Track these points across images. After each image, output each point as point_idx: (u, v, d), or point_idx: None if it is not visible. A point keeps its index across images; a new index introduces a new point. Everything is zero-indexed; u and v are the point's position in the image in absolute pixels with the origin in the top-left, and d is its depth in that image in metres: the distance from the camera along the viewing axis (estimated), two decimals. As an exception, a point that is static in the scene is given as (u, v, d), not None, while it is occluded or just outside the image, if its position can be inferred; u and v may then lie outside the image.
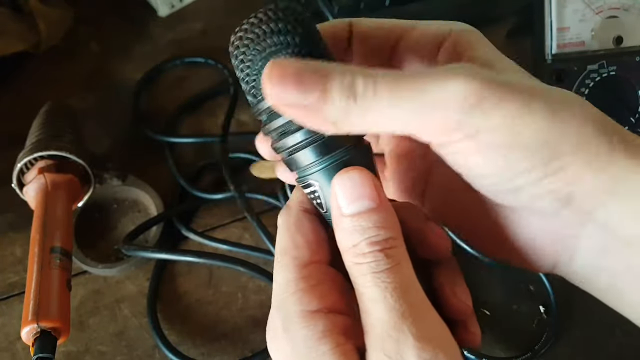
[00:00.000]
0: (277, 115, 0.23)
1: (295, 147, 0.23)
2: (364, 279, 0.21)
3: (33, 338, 0.36)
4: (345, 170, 0.22)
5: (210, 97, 0.58)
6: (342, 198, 0.22)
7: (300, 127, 0.22)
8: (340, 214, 0.22)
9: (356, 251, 0.21)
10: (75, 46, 0.62)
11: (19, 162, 0.45)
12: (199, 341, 0.44)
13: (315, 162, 0.23)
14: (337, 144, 0.22)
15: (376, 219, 0.21)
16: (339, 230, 0.22)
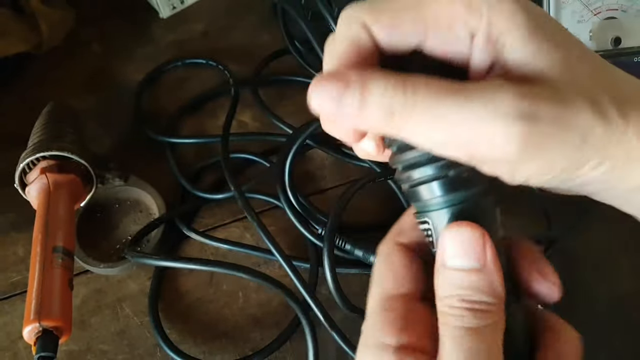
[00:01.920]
0: (409, 147, 0.22)
1: (420, 180, 0.22)
2: (444, 329, 0.21)
3: (35, 337, 0.36)
4: (459, 224, 0.22)
5: (211, 98, 0.59)
6: (448, 249, 0.22)
7: (430, 161, 0.22)
8: (442, 263, 0.22)
9: (447, 301, 0.21)
10: (76, 47, 0.63)
11: (21, 162, 0.45)
12: (200, 340, 0.44)
13: (434, 198, 0.22)
14: (463, 185, 0.22)
15: (475, 280, 0.21)
16: (437, 276, 0.22)
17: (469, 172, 0.22)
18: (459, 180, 0.22)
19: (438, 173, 0.22)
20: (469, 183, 0.22)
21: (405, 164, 0.23)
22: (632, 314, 0.45)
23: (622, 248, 0.48)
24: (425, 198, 0.23)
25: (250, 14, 0.66)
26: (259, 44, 0.63)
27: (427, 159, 0.22)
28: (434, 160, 0.22)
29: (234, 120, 0.54)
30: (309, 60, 0.59)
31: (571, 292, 0.46)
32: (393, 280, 0.24)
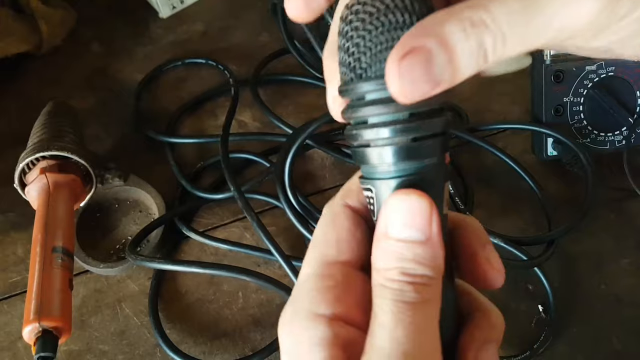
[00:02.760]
0: (368, 103, 0.20)
1: (371, 142, 0.21)
2: (381, 302, 0.20)
3: (35, 337, 0.36)
4: (407, 192, 0.20)
5: (210, 97, 0.59)
6: (392, 217, 0.20)
7: (386, 124, 0.20)
8: (383, 232, 0.21)
9: (386, 274, 0.20)
10: (76, 47, 0.63)
11: (20, 162, 0.45)
12: (200, 340, 0.44)
13: (383, 165, 0.21)
14: (416, 155, 0.20)
15: (419, 252, 0.20)
16: (377, 246, 0.21)
17: (423, 141, 0.20)
18: (412, 150, 0.20)
19: (393, 138, 0.20)
20: (422, 154, 0.20)
21: (358, 119, 0.21)
22: (631, 314, 0.45)
23: (622, 248, 0.48)
24: (374, 163, 0.21)
25: (250, 14, 0.66)
26: (259, 43, 0.63)
27: (385, 121, 0.20)
28: (391, 123, 0.20)
29: (233, 120, 0.54)
30: (308, 59, 0.59)
31: (570, 291, 0.46)
32: (335, 246, 0.22)
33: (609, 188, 0.51)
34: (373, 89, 0.20)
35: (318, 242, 0.23)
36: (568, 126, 0.51)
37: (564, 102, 0.50)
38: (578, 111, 0.50)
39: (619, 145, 0.51)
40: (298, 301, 0.22)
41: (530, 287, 0.46)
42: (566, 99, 0.50)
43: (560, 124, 0.50)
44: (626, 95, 0.50)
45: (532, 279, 0.46)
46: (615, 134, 0.51)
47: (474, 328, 0.24)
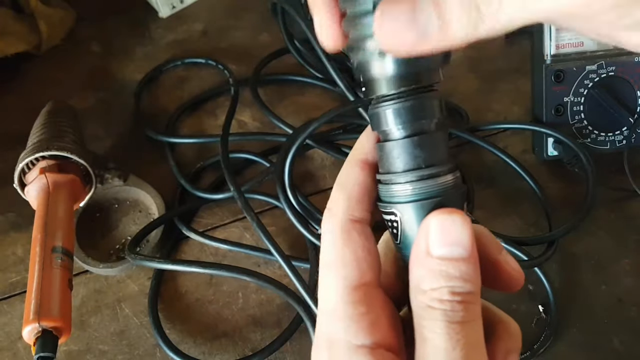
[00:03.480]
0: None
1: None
2: (433, 325, 0.20)
3: (34, 337, 0.36)
4: (448, 211, 0.20)
5: (210, 97, 0.59)
6: (435, 237, 0.20)
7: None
8: (426, 253, 0.20)
9: (434, 295, 0.20)
10: (76, 47, 0.63)
11: (20, 162, 0.45)
12: (200, 340, 0.44)
13: (407, 190, 0.21)
14: (436, 178, 0.21)
15: (464, 270, 0.20)
16: (419, 267, 0.20)
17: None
18: (432, 175, 0.21)
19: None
20: (446, 170, 0.21)
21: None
22: (632, 315, 0.45)
23: (622, 248, 0.48)
24: (399, 189, 0.21)
25: (249, 14, 0.66)
26: (259, 43, 0.63)
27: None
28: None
29: (233, 120, 0.54)
30: (308, 59, 0.59)
31: (571, 292, 0.46)
32: (356, 267, 0.22)
33: (609, 188, 0.51)
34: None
35: (334, 264, 0.22)
36: (568, 126, 0.51)
37: (564, 102, 0.50)
38: (578, 111, 0.50)
39: (620, 145, 0.51)
40: (332, 333, 0.21)
41: (531, 287, 0.46)
42: (567, 98, 0.50)
43: (561, 123, 0.50)
44: (627, 95, 0.50)
45: (532, 279, 0.46)
46: (615, 133, 0.51)
47: (496, 340, 0.24)
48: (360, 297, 0.21)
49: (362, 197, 0.23)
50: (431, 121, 0.21)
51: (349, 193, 0.23)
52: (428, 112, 0.21)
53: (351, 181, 0.23)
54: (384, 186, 0.22)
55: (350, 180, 0.23)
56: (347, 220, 0.22)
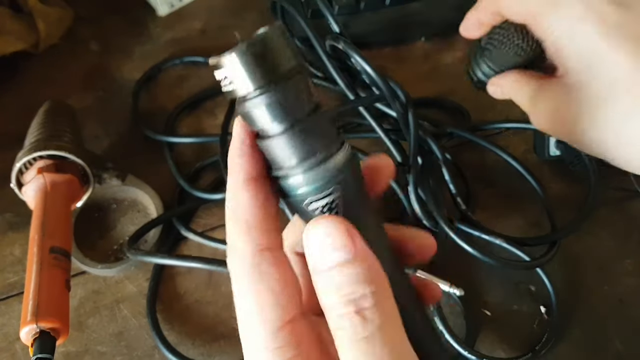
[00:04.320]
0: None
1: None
2: (342, 348, 0.19)
3: (32, 338, 0.36)
4: (316, 222, 0.19)
5: (209, 96, 0.58)
6: (312, 253, 0.19)
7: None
8: (313, 270, 0.19)
9: (334, 313, 0.19)
10: (74, 45, 0.62)
11: (18, 161, 0.45)
12: (199, 341, 0.44)
13: (305, 179, 0.20)
14: (330, 157, 0.20)
15: (351, 272, 0.19)
16: (317, 285, 0.19)
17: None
18: (325, 159, 0.21)
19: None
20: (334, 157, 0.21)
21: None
22: (634, 315, 0.45)
23: (624, 249, 0.48)
24: (297, 182, 0.21)
25: (249, 12, 0.66)
26: (258, 42, 0.63)
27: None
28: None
29: (233, 119, 0.54)
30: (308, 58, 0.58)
31: (573, 292, 0.46)
32: (276, 307, 0.20)
33: (611, 188, 0.50)
34: None
35: (250, 311, 0.20)
36: (570, 125, 0.50)
37: (566, 101, 0.50)
38: (580, 110, 0.50)
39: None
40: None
41: (533, 288, 0.46)
42: (568, 98, 0.50)
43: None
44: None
45: (534, 280, 0.46)
46: (617, 133, 0.51)
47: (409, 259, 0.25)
48: (286, 340, 0.20)
49: (261, 222, 0.20)
50: (305, 108, 0.20)
51: (246, 222, 0.20)
52: (300, 100, 0.20)
53: (243, 208, 0.20)
54: (284, 181, 0.21)
55: (243, 207, 0.20)
56: (254, 254, 0.20)
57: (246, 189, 0.21)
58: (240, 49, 0.20)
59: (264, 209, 0.20)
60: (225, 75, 0.20)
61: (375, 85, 0.46)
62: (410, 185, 0.45)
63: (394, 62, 0.60)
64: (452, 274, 0.43)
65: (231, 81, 0.20)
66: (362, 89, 0.50)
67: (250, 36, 0.21)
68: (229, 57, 0.20)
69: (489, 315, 0.45)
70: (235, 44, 0.20)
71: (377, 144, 0.50)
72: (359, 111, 0.49)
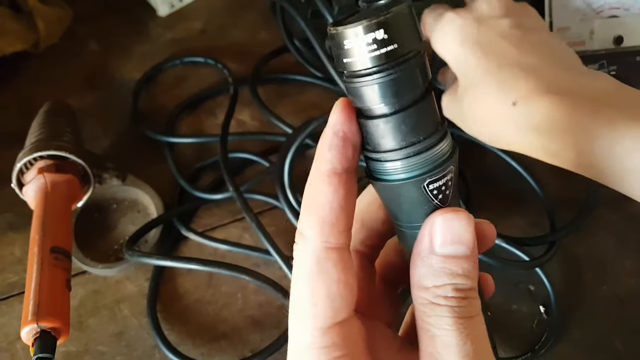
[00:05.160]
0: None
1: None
2: (441, 321, 0.20)
3: (33, 338, 0.36)
4: (454, 210, 0.21)
5: (209, 96, 0.58)
6: (440, 236, 0.20)
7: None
8: (429, 250, 0.20)
9: (438, 292, 0.20)
10: (74, 45, 0.62)
11: (18, 162, 0.45)
12: (199, 341, 0.44)
13: (403, 164, 0.20)
14: (433, 146, 0.20)
15: (467, 267, 0.20)
16: (421, 264, 0.21)
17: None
18: (428, 147, 0.21)
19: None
20: (437, 146, 0.21)
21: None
22: (633, 315, 0.45)
23: (624, 249, 0.48)
24: (395, 167, 0.21)
25: (249, 12, 0.66)
26: (258, 42, 0.63)
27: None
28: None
29: (232, 119, 0.54)
30: (308, 58, 0.58)
31: (572, 292, 0.46)
32: (330, 306, 0.20)
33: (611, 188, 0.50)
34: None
35: (304, 302, 0.20)
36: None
37: (565, 101, 0.50)
38: (580, 110, 0.50)
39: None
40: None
41: (532, 288, 0.46)
42: (568, 98, 0.50)
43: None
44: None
45: (533, 280, 0.46)
46: (617, 133, 0.51)
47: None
48: (333, 340, 0.20)
49: (336, 220, 0.20)
50: (417, 91, 0.20)
51: (320, 216, 0.20)
52: (414, 85, 0.20)
53: (321, 201, 0.20)
54: (375, 163, 0.21)
55: (320, 200, 0.20)
56: (321, 249, 0.20)
57: (328, 182, 0.20)
58: (365, 24, 0.19)
59: (342, 207, 0.20)
60: (339, 49, 0.19)
61: (375, 86, 0.46)
62: (410, 185, 0.45)
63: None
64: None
65: (345, 54, 0.19)
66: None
67: (372, 3, 0.20)
68: (350, 29, 0.19)
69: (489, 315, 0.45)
70: (357, 14, 0.20)
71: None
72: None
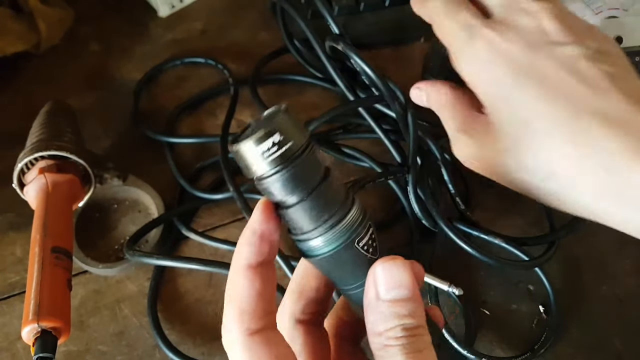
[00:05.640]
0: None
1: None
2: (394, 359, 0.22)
3: (34, 338, 0.36)
4: (391, 259, 0.23)
5: (210, 97, 0.59)
6: (382, 283, 0.22)
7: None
8: (376, 298, 0.23)
9: (389, 334, 0.22)
10: (75, 46, 0.62)
11: (19, 162, 0.45)
12: (200, 341, 0.44)
13: (323, 240, 0.23)
14: (343, 218, 0.23)
15: (411, 307, 0.22)
16: (373, 312, 0.23)
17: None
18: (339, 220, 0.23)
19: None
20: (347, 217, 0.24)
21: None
22: (632, 315, 0.45)
23: (623, 249, 0.48)
24: (317, 245, 0.24)
25: (249, 13, 0.66)
26: (258, 42, 0.63)
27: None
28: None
29: (233, 120, 0.54)
30: (308, 59, 0.59)
31: (571, 292, 0.46)
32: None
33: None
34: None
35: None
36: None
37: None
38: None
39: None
40: None
41: (531, 287, 0.46)
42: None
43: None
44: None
45: (533, 280, 0.46)
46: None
47: None
48: None
49: (254, 308, 0.22)
50: (317, 177, 0.23)
51: (239, 307, 0.22)
52: (311, 173, 0.23)
53: (238, 293, 0.23)
54: (303, 244, 0.24)
55: (238, 293, 0.23)
56: (244, 337, 0.22)
57: (244, 275, 0.23)
58: (254, 138, 0.22)
59: (259, 296, 0.22)
60: (243, 161, 0.22)
61: (374, 86, 0.46)
62: (410, 185, 0.45)
63: (393, 63, 0.60)
64: (451, 274, 0.43)
65: (247, 165, 0.22)
66: (361, 90, 0.50)
67: (258, 118, 0.24)
68: (244, 145, 0.22)
69: (488, 314, 0.45)
70: (248, 130, 0.23)
71: (376, 144, 0.51)
72: (359, 112, 0.49)
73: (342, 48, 0.45)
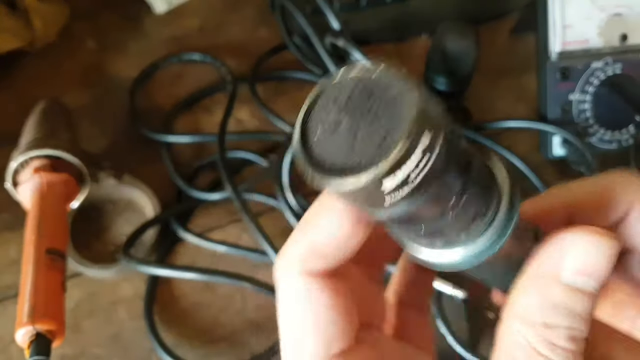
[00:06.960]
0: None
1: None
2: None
3: (28, 340, 0.36)
4: (599, 232, 0.16)
5: (207, 94, 0.58)
6: (572, 260, 0.16)
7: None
8: (552, 275, 0.17)
9: (547, 334, 0.16)
10: (70, 43, 0.62)
11: (13, 161, 0.44)
12: (197, 344, 0.43)
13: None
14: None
15: (587, 308, 0.16)
16: (535, 293, 0.17)
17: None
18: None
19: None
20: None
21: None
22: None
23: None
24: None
25: (247, 9, 0.65)
26: (257, 39, 0.62)
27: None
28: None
29: (231, 118, 0.53)
30: (307, 55, 0.58)
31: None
32: (322, 339, 0.18)
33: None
34: None
35: (293, 335, 0.18)
36: (574, 124, 0.50)
37: (570, 100, 0.49)
38: (584, 109, 0.50)
39: (626, 144, 0.51)
40: None
41: (535, 289, 0.46)
42: (572, 96, 0.49)
43: (566, 122, 0.50)
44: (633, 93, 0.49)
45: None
46: (622, 132, 0.50)
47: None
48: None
49: (327, 241, 0.18)
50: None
51: (311, 237, 0.18)
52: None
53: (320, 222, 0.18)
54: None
55: (320, 221, 0.18)
56: (304, 275, 0.18)
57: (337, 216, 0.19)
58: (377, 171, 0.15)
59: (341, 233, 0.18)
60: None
61: (375, 84, 0.45)
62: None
63: (395, 60, 0.59)
64: (454, 276, 0.42)
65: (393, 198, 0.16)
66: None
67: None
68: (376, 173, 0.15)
69: (492, 317, 0.44)
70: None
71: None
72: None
73: (342, 44, 0.44)
